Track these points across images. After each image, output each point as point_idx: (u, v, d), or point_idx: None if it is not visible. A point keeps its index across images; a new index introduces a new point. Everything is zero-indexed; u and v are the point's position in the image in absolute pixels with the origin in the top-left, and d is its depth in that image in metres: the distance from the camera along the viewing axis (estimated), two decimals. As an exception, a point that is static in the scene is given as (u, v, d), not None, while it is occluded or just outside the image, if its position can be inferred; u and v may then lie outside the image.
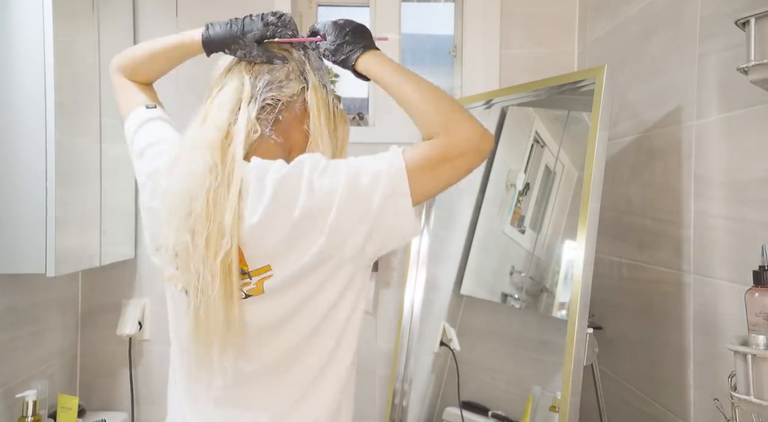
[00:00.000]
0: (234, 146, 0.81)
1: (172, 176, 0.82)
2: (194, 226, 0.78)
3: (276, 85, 0.88)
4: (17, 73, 1.28)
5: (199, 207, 0.78)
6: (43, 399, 1.42)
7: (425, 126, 0.82)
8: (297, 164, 0.79)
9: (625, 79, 1.53)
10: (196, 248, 0.78)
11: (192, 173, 0.80)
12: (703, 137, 1.20)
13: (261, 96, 0.87)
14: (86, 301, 1.84)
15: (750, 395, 0.88)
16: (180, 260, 0.80)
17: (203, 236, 0.77)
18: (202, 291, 0.78)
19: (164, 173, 0.84)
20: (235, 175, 0.79)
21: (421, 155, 0.78)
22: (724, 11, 1.13)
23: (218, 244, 0.77)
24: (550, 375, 1.46)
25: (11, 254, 1.29)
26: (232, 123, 0.84)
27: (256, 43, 0.88)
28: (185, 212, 0.79)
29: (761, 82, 0.89)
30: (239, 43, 0.89)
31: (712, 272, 1.16)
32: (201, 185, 0.78)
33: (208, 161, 0.80)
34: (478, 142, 0.79)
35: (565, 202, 1.49)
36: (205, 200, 0.78)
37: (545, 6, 1.91)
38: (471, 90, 1.92)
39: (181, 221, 0.79)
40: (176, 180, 0.81)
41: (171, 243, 0.80)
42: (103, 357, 1.84)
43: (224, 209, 0.77)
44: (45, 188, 1.30)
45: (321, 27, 0.92)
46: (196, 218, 0.78)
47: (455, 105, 0.83)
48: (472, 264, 1.72)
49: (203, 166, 0.79)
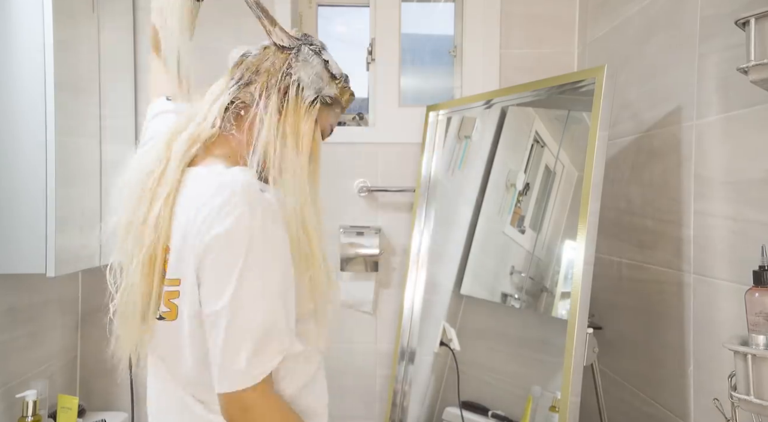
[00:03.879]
0: (180, 140, 0.82)
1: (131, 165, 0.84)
2: (134, 211, 0.79)
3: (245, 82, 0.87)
4: (17, 73, 1.28)
5: (139, 194, 0.79)
6: (43, 399, 1.42)
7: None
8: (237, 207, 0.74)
9: (625, 79, 1.53)
10: (128, 234, 0.79)
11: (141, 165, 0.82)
12: (703, 137, 1.20)
13: (229, 93, 0.87)
14: (86, 301, 1.84)
15: (750, 395, 0.88)
16: (117, 241, 0.81)
17: (135, 225, 0.78)
18: (127, 273, 0.79)
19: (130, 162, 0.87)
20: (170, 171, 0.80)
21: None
22: (724, 11, 1.13)
23: (143, 235, 0.78)
24: (550, 375, 1.46)
25: (11, 254, 1.29)
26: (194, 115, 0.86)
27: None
28: (133, 197, 0.80)
29: (761, 82, 0.89)
30: None
31: (712, 272, 1.16)
32: (146, 177, 0.80)
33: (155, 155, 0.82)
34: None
35: (565, 202, 1.49)
36: (148, 189, 0.79)
37: (545, 6, 1.91)
38: (471, 90, 1.92)
39: (127, 204, 0.81)
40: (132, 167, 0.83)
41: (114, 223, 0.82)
42: (103, 357, 1.83)
43: (154, 202, 0.78)
44: (45, 188, 1.30)
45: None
46: (135, 204, 0.79)
47: None
48: (472, 264, 1.72)
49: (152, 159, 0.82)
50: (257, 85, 0.86)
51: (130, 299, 0.79)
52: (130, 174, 0.82)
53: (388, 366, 1.90)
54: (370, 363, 1.91)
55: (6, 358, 1.43)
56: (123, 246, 0.80)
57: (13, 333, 1.46)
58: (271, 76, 0.87)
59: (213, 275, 0.74)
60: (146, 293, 0.78)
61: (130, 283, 0.79)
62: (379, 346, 1.91)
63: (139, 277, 0.78)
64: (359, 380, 1.91)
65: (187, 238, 0.75)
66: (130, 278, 0.79)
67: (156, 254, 0.77)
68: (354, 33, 2.09)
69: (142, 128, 1.00)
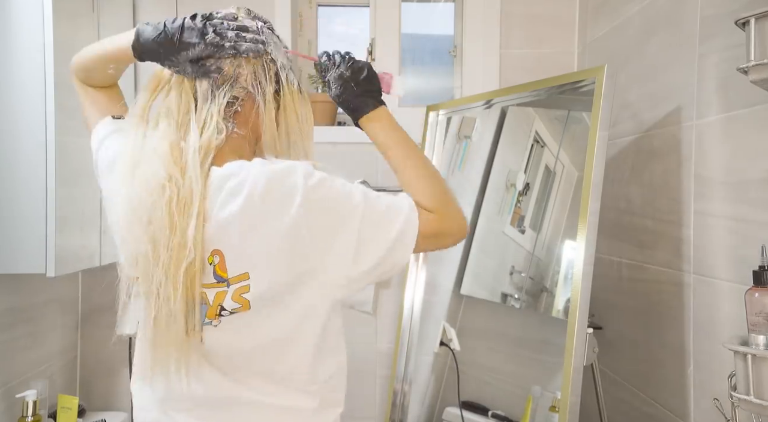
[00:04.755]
0: (191, 152, 0.77)
1: (131, 186, 0.78)
2: (155, 235, 0.75)
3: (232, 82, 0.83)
4: (17, 73, 1.28)
5: (159, 217, 0.74)
6: (43, 399, 1.42)
7: (418, 195, 0.84)
8: (289, 169, 0.76)
9: (625, 79, 1.53)
10: (159, 259, 0.75)
11: (148, 183, 0.76)
12: (703, 137, 1.20)
13: (221, 95, 0.82)
14: (86, 301, 1.84)
15: (750, 395, 0.88)
16: (140, 269, 0.77)
17: (166, 247, 0.75)
18: (164, 301, 0.75)
19: (123, 181, 0.80)
20: (196, 184, 0.75)
21: (424, 223, 0.81)
22: (724, 11, 1.13)
23: (180, 255, 0.74)
24: (550, 375, 1.46)
25: (11, 254, 1.29)
26: (186, 127, 0.80)
27: (189, 63, 0.80)
28: (145, 220, 0.76)
29: (761, 82, 0.89)
30: (171, 61, 0.81)
31: (712, 272, 1.16)
32: (160, 195, 0.75)
33: (164, 173, 0.76)
34: (461, 229, 0.86)
35: (565, 202, 1.49)
36: (167, 211, 0.74)
37: (545, 6, 1.91)
38: (471, 90, 1.92)
39: (142, 229, 0.76)
40: (135, 189, 0.77)
41: (132, 250, 0.77)
42: (103, 357, 1.84)
43: (188, 219, 0.74)
44: (45, 188, 1.30)
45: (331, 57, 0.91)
46: (157, 228, 0.75)
47: (446, 188, 0.88)
48: (472, 264, 1.72)
49: (160, 176, 0.76)
50: (245, 78, 0.83)
51: (169, 322, 0.77)
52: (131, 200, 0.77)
53: (388, 366, 1.90)
54: (370, 363, 1.91)
55: (6, 358, 1.43)
56: (151, 272, 0.76)
57: (13, 333, 1.46)
58: (256, 67, 0.84)
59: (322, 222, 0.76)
60: (189, 310, 0.77)
61: (166, 308, 0.76)
62: (379, 346, 1.91)
63: (179, 295, 0.75)
64: (359, 380, 1.91)
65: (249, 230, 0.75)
66: (165, 304, 0.76)
67: (196, 268, 0.75)
68: (354, 33, 2.09)
69: (93, 152, 0.92)
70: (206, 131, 0.80)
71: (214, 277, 0.77)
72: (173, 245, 0.74)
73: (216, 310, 0.78)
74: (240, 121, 0.84)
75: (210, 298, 0.78)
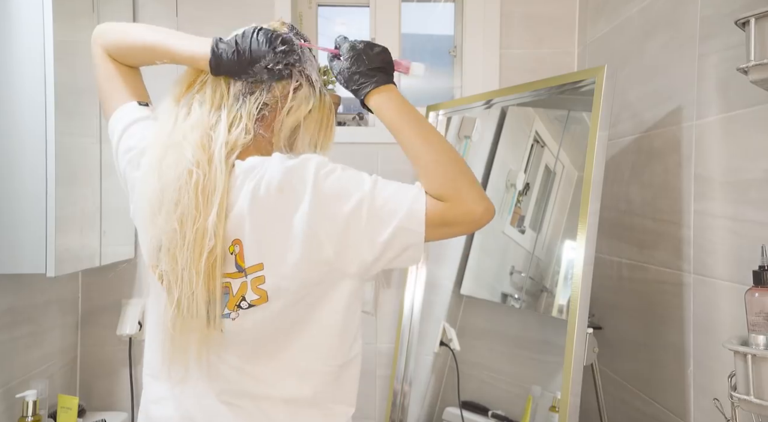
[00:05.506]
0: (218, 145, 0.80)
1: (160, 170, 0.81)
2: (182, 216, 0.77)
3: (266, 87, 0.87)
4: (17, 73, 1.28)
5: (187, 199, 0.77)
6: (43, 399, 1.42)
7: (428, 182, 0.80)
8: (304, 161, 0.79)
9: (625, 79, 1.53)
10: (185, 240, 0.77)
11: (177, 166, 0.79)
12: (703, 137, 1.20)
13: (254, 99, 0.85)
14: (86, 301, 1.84)
15: (750, 395, 0.88)
16: (166, 252, 0.79)
17: (193, 228, 0.77)
18: (187, 284, 0.77)
19: (152, 166, 0.82)
20: (221, 175, 0.78)
21: (432, 211, 0.78)
22: (724, 11, 1.13)
23: (203, 242, 0.77)
24: (550, 375, 1.46)
25: (11, 254, 1.29)
26: (217, 121, 0.83)
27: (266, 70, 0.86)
28: (173, 202, 0.78)
29: (761, 82, 0.89)
30: (248, 74, 0.85)
31: (712, 272, 1.16)
32: (188, 179, 0.78)
33: (193, 159, 0.79)
34: (480, 215, 0.78)
35: (565, 202, 1.49)
36: (194, 193, 0.77)
37: (545, 6, 1.91)
38: (471, 90, 1.92)
39: (169, 210, 0.78)
40: (165, 172, 0.80)
41: (157, 233, 0.79)
42: (103, 357, 1.84)
43: (210, 207, 0.77)
44: (45, 188, 1.30)
45: (339, 44, 0.90)
46: (184, 208, 0.77)
47: (463, 168, 0.81)
48: (472, 264, 1.72)
49: (189, 162, 0.79)
50: (280, 87, 0.87)
51: (191, 307, 0.78)
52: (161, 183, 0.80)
53: (388, 366, 1.90)
54: (370, 363, 1.91)
55: (6, 358, 1.43)
56: (178, 252, 0.78)
57: (13, 333, 1.46)
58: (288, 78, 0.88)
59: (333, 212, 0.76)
60: (211, 299, 0.79)
61: (189, 292, 0.78)
62: (379, 346, 1.91)
63: (201, 284, 0.77)
64: (359, 380, 1.90)
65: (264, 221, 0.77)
66: (188, 288, 0.78)
67: (216, 257, 0.77)
68: (354, 33, 2.09)
69: (114, 135, 0.92)
70: (234, 128, 0.83)
71: (236, 267, 0.79)
72: (198, 227, 0.77)
73: (237, 300, 0.80)
74: (266, 125, 0.87)
75: (234, 288, 0.80)
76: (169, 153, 0.81)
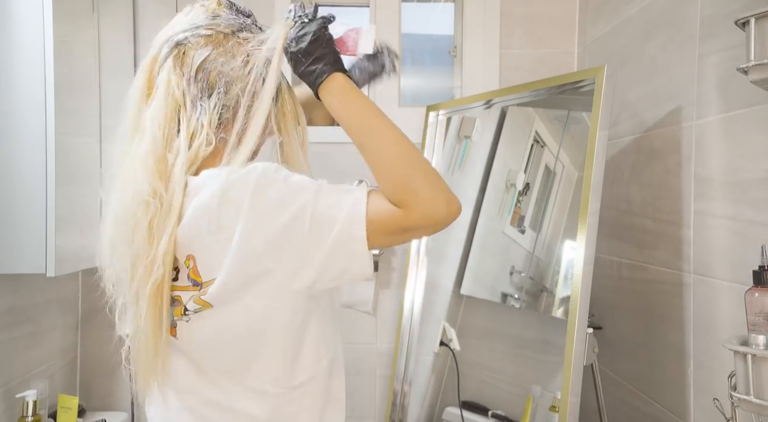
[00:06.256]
0: (177, 165, 0.76)
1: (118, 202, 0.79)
2: (135, 258, 0.76)
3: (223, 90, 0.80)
4: (17, 73, 1.28)
5: (141, 237, 0.75)
6: (43, 399, 1.41)
7: (381, 185, 0.74)
8: (246, 173, 0.73)
9: (625, 79, 1.53)
10: (134, 277, 0.76)
11: (133, 200, 0.76)
12: (703, 137, 1.20)
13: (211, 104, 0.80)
14: (86, 301, 1.84)
15: (750, 395, 0.88)
16: (120, 286, 0.80)
17: (143, 265, 0.75)
18: (137, 318, 0.77)
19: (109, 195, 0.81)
20: (177, 199, 0.75)
21: (383, 217, 0.72)
22: (724, 11, 1.13)
23: (150, 272, 0.75)
24: (550, 375, 1.46)
25: (11, 254, 1.29)
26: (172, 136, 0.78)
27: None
28: (126, 243, 0.76)
29: (761, 82, 0.89)
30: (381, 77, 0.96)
31: (712, 272, 1.16)
32: (144, 213, 0.75)
33: (148, 188, 0.75)
34: (443, 217, 0.72)
35: (565, 202, 1.49)
36: (147, 228, 0.75)
37: (545, 6, 1.91)
38: (471, 90, 1.92)
39: (123, 252, 0.77)
40: (121, 205, 0.78)
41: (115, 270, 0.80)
42: (103, 357, 1.84)
43: (161, 236, 0.74)
44: (45, 188, 1.29)
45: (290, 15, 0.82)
46: (138, 248, 0.75)
47: (423, 169, 0.74)
48: (472, 264, 1.72)
49: (144, 192, 0.75)
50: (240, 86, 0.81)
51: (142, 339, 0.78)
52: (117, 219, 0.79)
53: (388, 366, 1.90)
54: (370, 363, 1.91)
55: (6, 358, 1.43)
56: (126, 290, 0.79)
57: (13, 333, 1.46)
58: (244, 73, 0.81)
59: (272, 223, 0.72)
60: (157, 326, 0.78)
61: (141, 325, 0.77)
62: (379, 346, 1.91)
63: (150, 313, 0.77)
64: (359, 380, 1.91)
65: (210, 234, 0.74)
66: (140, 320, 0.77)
67: (164, 286, 0.76)
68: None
69: None
70: (195, 141, 0.78)
71: (189, 280, 0.77)
72: (148, 261, 0.75)
73: (182, 310, 0.79)
74: (226, 126, 0.82)
75: (184, 300, 0.78)
76: (125, 183, 0.78)
